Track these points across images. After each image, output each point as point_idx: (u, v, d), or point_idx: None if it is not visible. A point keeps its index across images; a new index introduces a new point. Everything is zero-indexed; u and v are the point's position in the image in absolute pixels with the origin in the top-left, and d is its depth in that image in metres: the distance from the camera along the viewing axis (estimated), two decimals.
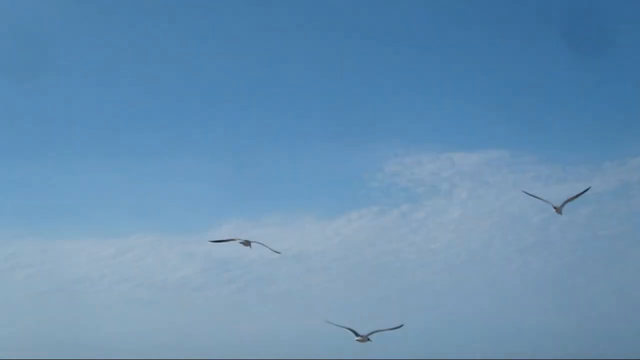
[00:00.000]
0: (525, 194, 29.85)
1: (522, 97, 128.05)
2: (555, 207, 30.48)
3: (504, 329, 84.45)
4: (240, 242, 26.81)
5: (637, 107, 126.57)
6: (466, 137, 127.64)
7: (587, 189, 28.09)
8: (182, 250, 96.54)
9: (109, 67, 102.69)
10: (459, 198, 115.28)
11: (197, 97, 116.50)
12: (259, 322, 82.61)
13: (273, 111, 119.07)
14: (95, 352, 66.77)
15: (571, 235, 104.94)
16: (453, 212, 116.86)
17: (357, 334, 26.10)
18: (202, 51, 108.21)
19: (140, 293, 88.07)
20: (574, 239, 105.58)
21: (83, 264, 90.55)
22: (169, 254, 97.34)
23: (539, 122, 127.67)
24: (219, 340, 73.03)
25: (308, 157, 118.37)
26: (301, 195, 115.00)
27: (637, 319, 73.95)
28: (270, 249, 26.96)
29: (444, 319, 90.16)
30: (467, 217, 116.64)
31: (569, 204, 29.80)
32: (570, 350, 64.86)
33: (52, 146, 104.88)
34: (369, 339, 26.20)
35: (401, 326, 26.11)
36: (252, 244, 26.94)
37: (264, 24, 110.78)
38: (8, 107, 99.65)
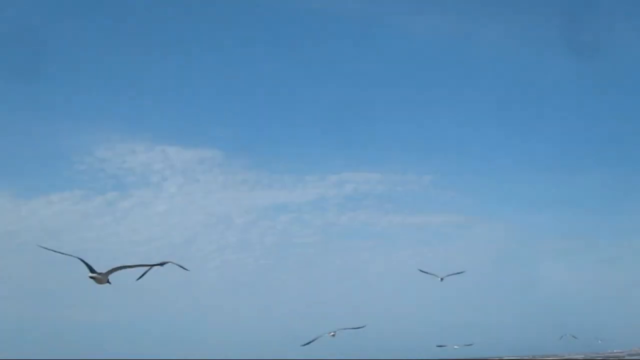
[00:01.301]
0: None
1: (244, 102, 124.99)
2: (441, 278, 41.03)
3: (200, 327, 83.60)
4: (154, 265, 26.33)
5: (344, 130, 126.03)
6: (183, 132, 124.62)
7: None
8: None
9: None
10: (167, 192, 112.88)
11: None
12: None
13: None
14: None
15: (270, 240, 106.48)
16: (160, 206, 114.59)
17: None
18: None
19: None
20: (271, 243, 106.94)
21: None
22: None
23: (255, 128, 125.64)
24: None
25: (5, 128, 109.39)
26: None
27: (326, 318, 74.56)
28: (179, 265, 27.04)
29: (131, 315, 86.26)
30: (173, 211, 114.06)
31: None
32: (261, 351, 63.30)
33: None
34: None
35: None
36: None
37: None
38: None
